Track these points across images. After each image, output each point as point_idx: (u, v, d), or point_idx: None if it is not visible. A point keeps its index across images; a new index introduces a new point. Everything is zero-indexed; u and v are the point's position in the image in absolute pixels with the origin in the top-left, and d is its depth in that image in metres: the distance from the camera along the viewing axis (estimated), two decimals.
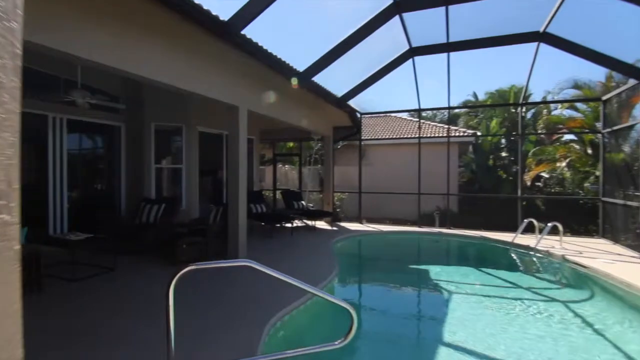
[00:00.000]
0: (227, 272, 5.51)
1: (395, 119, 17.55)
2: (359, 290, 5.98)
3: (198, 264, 2.31)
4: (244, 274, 5.38)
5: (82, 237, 5.35)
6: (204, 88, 5.37)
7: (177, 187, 8.36)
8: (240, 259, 2.38)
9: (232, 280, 5.18)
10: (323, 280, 5.08)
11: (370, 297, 5.62)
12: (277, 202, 12.20)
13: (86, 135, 7.90)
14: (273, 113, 7.30)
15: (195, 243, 5.99)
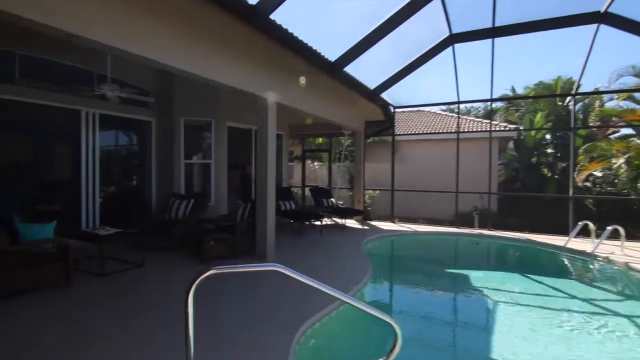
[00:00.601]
0: (253, 274, 5.26)
1: (428, 113, 16.80)
2: (394, 296, 5.53)
3: (220, 268, 2.01)
4: (271, 274, 5.10)
5: (111, 232, 5.29)
6: (233, 79, 5.14)
7: (205, 182, 8.26)
8: (268, 264, 2.05)
9: (258, 280, 4.92)
10: (356, 284, 4.71)
11: (406, 304, 5.17)
12: (305, 199, 11.93)
13: (118, 130, 7.95)
14: (303, 106, 6.98)
15: (222, 240, 5.80)
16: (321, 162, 15.06)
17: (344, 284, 4.70)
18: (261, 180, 5.99)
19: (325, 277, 5.00)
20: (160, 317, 3.59)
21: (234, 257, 5.88)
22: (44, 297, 4.05)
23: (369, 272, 5.27)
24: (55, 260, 4.30)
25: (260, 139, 6.02)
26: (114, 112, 7.08)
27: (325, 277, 5.21)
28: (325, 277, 5.00)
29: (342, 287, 4.58)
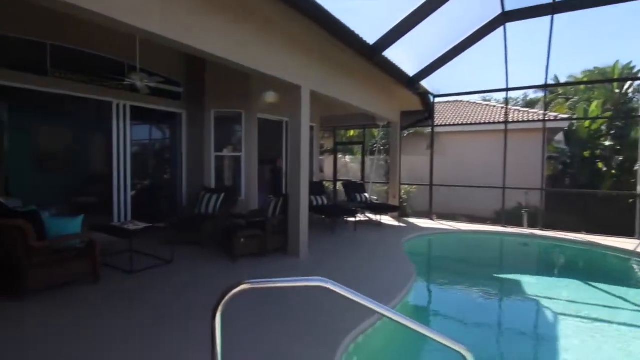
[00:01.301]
0: (285, 274, 4.89)
1: (467, 104, 15.81)
2: (443, 304, 4.97)
3: (254, 282, 1.61)
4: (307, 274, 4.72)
5: (140, 227, 5.10)
6: (266, 65, 4.74)
7: (236, 176, 8.01)
8: (313, 278, 1.61)
9: None
10: (400, 289, 4.22)
11: (457, 314, 4.61)
12: (337, 194, 11.48)
13: (148, 122, 7.85)
14: (338, 94, 6.50)
15: (253, 237, 5.48)
16: (353, 155, 14.53)
17: (387, 289, 4.23)
18: (294, 174, 5.60)
19: (365, 280, 4.58)
20: (186, 325, 3.28)
21: (265, 255, 5.56)
22: (70, 294, 3.87)
23: (412, 276, 4.76)
24: (83, 256, 4.13)
25: (292, 130, 5.63)
26: (144, 103, 6.94)
27: (365, 281, 4.72)
28: (365, 280, 4.58)
29: (385, 292, 4.13)
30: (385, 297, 3.95)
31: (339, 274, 4.83)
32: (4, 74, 5.19)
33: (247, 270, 4.90)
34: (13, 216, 3.78)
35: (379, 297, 3.89)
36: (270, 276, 4.69)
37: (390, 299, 3.93)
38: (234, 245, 5.26)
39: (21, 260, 3.63)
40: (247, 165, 7.77)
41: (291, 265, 5.21)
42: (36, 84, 5.50)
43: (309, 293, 4.07)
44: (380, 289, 4.32)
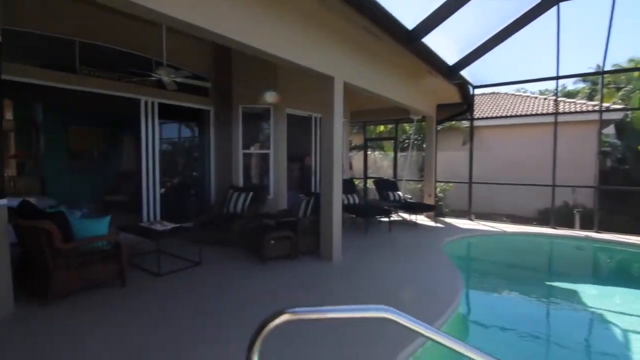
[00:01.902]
0: (319, 280, 4.55)
1: (505, 95, 14.87)
2: (497, 315, 4.43)
3: (299, 310, 1.25)
4: (340, 284, 4.36)
5: (167, 228, 4.92)
6: (298, 55, 4.40)
7: (264, 174, 7.75)
8: (373, 307, 1.22)
9: (326, 291, 4.19)
10: (448, 302, 3.76)
11: (513, 325, 4.09)
12: (367, 193, 11.04)
13: (176, 120, 7.74)
14: (372, 86, 6.07)
15: (284, 239, 5.17)
16: (383, 151, 14.00)
17: (434, 301, 3.79)
18: (326, 172, 5.24)
19: (408, 289, 4.15)
20: (217, 335, 3.00)
21: (295, 257, 5.24)
22: (96, 299, 3.71)
23: (460, 285, 4.28)
24: (110, 259, 3.96)
25: (325, 125, 5.26)
26: (172, 100, 6.79)
27: (409, 290, 4.13)
28: (408, 289, 4.15)
29: (432, 304, 3.65)
30: (436, 308, 3.52)
31: (380, 282, 4.42)
32: (37, 73, 5.13)
33: (277, 275, 4.59)
34: (40, 217, 3.65)
35: (430, 309, 3.49)
36: (303, 281, 4.38)
37: (441, 309, 3.49)
38: (263, 247, 4.97)
39: (47, 263, 3.49)
40: (275, 163, 7.49)
41: (324, 270, 4.86)
42: (66, 82, 5.43)
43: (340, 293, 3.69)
44: (429, 298, 3.89)
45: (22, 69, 4.95)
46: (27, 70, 5.01)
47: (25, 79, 4.99)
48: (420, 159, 12.18)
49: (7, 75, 4.82)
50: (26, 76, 4.99)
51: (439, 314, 3.39)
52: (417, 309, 3.55)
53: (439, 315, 3.37)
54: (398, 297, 3.87)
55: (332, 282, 4.44)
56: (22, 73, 4.95)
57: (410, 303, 3.70)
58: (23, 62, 4.99)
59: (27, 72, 5.01)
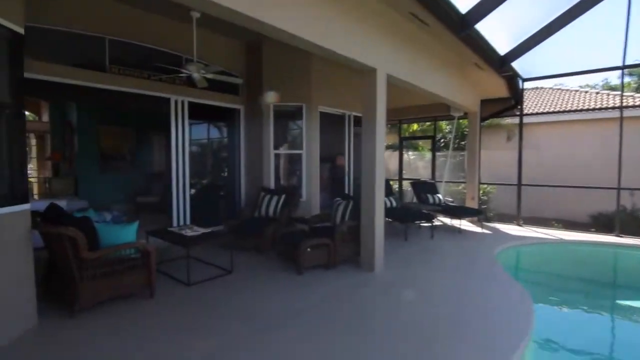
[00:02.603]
0: (361, 293, 4.07)
1: (551, 90, 13.83)
2: (580, 338, 3.72)
3: None
4: (386, 301, 3.86)
5: (198, 233, 4.60)
6: (339, 44, 3.96)
7: (296, 176, 7.37)
8: None
9: (371, 309, 3.71)
10: (523, 322, 3.18)
11: (604, 351, 3.45)
12: (403, 195, 10.43)
13: (206, 119, 7.50)
14: (415, 80, 5.53)
15: (321, 246, 4.73)
16: (417, 151, 13.31)
17: (503, 325, 3.22)
18: (368, 175, 4.75)
19: (472, 309, 3.55)
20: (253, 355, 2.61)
21: (333, 266, 4.79)
22: (123, 311, 3.42)
23: (527, 301, 3.67)
24: (138, 267, 3.67)
25: (367, 123, 4.78)
26: (202, 99, 6.54)
27: (472, 310, 3.51)
28: (472, 309, 3.55)
29: (502, 330, 3.02)
30: (509, 336, 2.96)
31: (434, 299, 3.89)
32: (67, 72, 4.96)
33: (316, 287, 4.16)
34: (67, 222, 3.40)
35: (502, 338, 2.87)
36: (344, 296, 3.91)
37: (517, 335, 2.93)
38: (299, 256, 4.55)
39: (72, 273, 3.23)
40: (308, 164, 7.09)
41: (367, 283, 4.38)
42: (96, 80, 5.25)
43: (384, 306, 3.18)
44: (495, 323, 3.32)
45: (51, 68, 4.79)
46: (57, 69, 4.85)
47: (55, 77, 4.83)
48: (459, 159, 11.44)
49: (37, 75, 4.69)
50: (55, 75, 4.83)
51: (513, 345, 2.83)
52: (487, 338, 3.00)
53: (515, 347, 2.81)
54: (458, 321, 3.33)
55: (376, 298, 3.95)
56: (52, 71, 4.79)
57: (475, 330, 3.15)
58: (53, 61, 4.83)
59: (57, 71, 4.85)
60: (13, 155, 2.94)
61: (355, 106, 8.20)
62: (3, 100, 2.90)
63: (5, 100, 2.91)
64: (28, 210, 3.06)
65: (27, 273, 3.04)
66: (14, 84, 2.97)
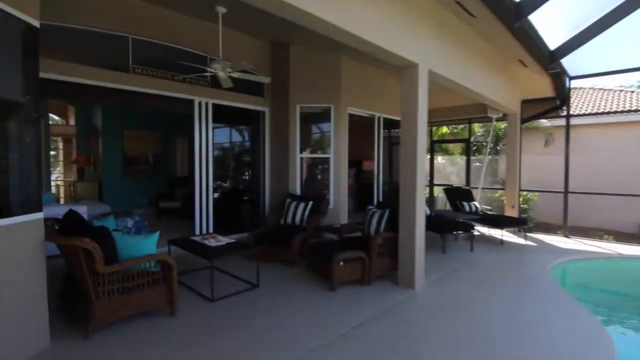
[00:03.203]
0: (404, 315, 3.61)
1: (591, 91, 12.97)
2: None
3: None
4: (434, 328, 3.38)
5: (222, 243, 4.27)
6: (379, 34, 3.55)
7: (323, 181, 6.97)
8: None
9: (419, 337, 3.24)
10: None
11: None
12: (434, 202, 9.86)
13: (230, 122, 7.23)
14: (457, 77, 5.04)
15: (355, 260, 4.30)
16: (447, 154, 12.68)
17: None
18: (408, 181, 4.29)
19: (540, 343, 2.91)
20: None
21: (368, 282, 4.34)
22: (143, 330, 3.09)
23: (607, 341, 3.10)
24: (158, 282, 3.34)
25: (406, 123, 4.32)
26: (226, 101, 6.26)
27: (541, 345, 2.92)
28: (540, 343, 2.91)
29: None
30: None
31: (489, 329, 3.36)
32: (92, 73, 4.78)
33: (351, 308, 3.73)
34: (83, 231, 3.12)
35: None
36: (385, 319, 3.43)
37: None
38: (332, 270, 4.13)
39: (87, 288, 2.93)
40: (336, 169, 6.69)
41: (408, 303, 3.91)
42: (119, 81, 5.04)
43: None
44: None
45: (73, 68, 4.60)
46: (79, 70, 4.66)
47: (76, 78, 4.64)
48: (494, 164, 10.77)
49: (58, 75, 4.50)
50: (77, 75, 4.64)
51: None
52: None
53: None
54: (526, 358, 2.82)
55: (422, 324, 3.47)
56: (74, 72, 4.60)
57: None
58: (74, 61, 4.65)
59: (79, 71, 4.66)
60: (25, 158, 2.67)
61: (385, 108, 7.76)
62: (15, 99, 2.65)
63: (17, 99, 2.66)
64: (41, 219, 2.79)
65: (39, 288, 2.77)
66: (29, 82, 2.71)
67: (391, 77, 7.85)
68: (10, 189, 2.58)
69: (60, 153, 11.79)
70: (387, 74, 7.70)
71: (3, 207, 2.48)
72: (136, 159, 9.59)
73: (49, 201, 5.31)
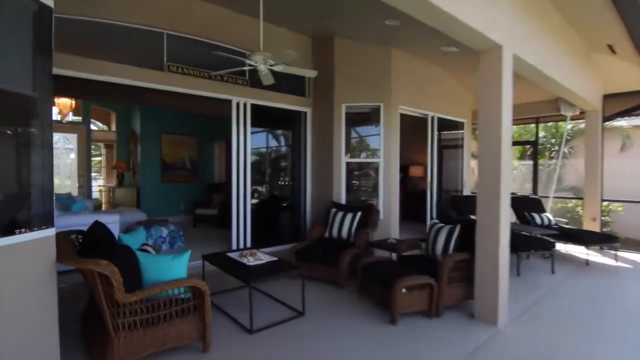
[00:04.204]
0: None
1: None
2: None
3: None
4: None
5: (262, 262, 3.67)
6: (463, 11, 2.81)
7: (371, 189, 6.25)
8: None
9: None
10: None
11: None
12: None
13: (269, 124, 6.71)
14: (541, 65, 4.15)
15: (421, 287, 3.52)
16: None
17: None
18: (488, 187, 3.48)
19: None
20: None
21: (437, 314, 3.55)
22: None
23: None
24: (189, 312, 2.78)
25: (485, 117, 3.53)
26: (266, 101, 5.75)
27: None
28: None
29: None
30: None
31: None
32: (123, 71, 4.41)
33: (419, 345, 2.97)
34: (103, 250, 2.62)
35: None
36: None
37: None
38: (394, 299, 3.39)
39: (105, 320, 2.41)
40: (386, 175, 5.94)
41: (492, 347, 3.07)
42: (153, 80, 4.65)
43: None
44: None
45: (102, 66, 4.24)
46: (109, 67, 4.29)
47: (106, 77, 4.28)
48: (552, 168, 9.51)
49: (87, 74, 4.15)
50: (107, 73, 4.27)
51: None
52: None
53: None
54: None
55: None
56: (103, 70, 4.24)
57: None
58: (104, 57, 4.29)
59: (109, 69, 4.29)
60: (32, 164, 2.20)
61: (440, 106, 6.92)
62: (23, 91, 2.19)
63: (25, 92, 2.20)
64: (52, 236, 2.30)
65: (48, 321, 2.27)
66: (40, 72, 2.25)
67: (446, 73, 7.02)
68: (10, 200, 2.11)
69: (103, 159, 11.94)
70: (440, 69, 6.87)
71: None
72: (173, 165, 9.37)
73: (81, 210, 5.01)
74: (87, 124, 9.08)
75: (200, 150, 9.89)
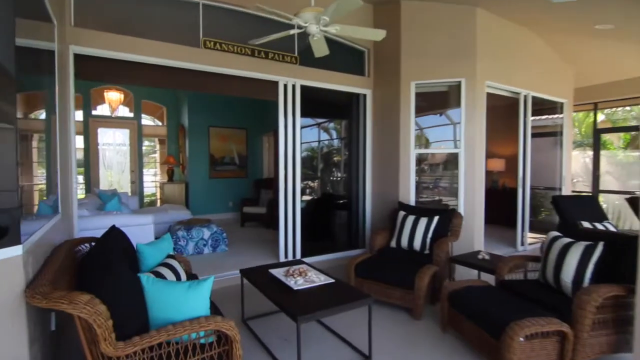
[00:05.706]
0: None
1: None
2: None
3: None
4: None
5: (315, 285, 2.77)
6: None
7: (446, 187, 5.07)
8: None
9: None
10: None
11: None
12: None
13: (322, 110, 5.79)
14: None
15: (549, 335, 2.36)
16: (605, 149, 9.43)
17: None
18: None
19: None
20: None
21: None
22: None
23: None
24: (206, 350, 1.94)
25: None
26: (318, 81, 4.84)
27: None
28: None
29: None
30: None
31: None
32: (156, 49, 3.76)
33: None
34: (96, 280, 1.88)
35: None
36: None
37: None
38: (506, 351, 2.28)
39: None
40: (468, 169, 4.72)
41: None
42: (188, 59, 3.94)
43: None
44: None
45: (129, 42, 3.60)
46: (136, 44, 3.65)
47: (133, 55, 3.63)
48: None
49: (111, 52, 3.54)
50: (134, 51, 3.63)
51: None
52: None
53: None
54: None
55: None
56: (129, 47, 3.60)
57: None
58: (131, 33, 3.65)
59: (135, 46, 3.65)
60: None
61: (536, 83, 5.49)
62: None
63: None
64: (17, 257, 1.59)
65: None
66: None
67: (541, 39, 5.55)
68: None
69: (158, 154, 11.95)
70: (535, 35, 5.43)
71: None
72: (222, 160, 8.91)
73: (115, 209, 4.51)
74: (139, 119, 8.92)
75: (249, 143, 9.32)
